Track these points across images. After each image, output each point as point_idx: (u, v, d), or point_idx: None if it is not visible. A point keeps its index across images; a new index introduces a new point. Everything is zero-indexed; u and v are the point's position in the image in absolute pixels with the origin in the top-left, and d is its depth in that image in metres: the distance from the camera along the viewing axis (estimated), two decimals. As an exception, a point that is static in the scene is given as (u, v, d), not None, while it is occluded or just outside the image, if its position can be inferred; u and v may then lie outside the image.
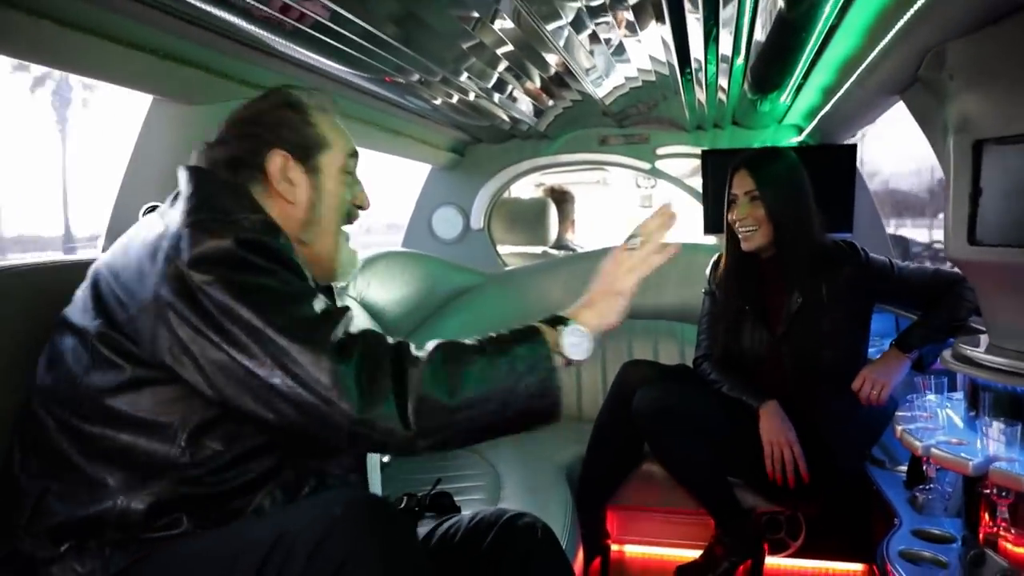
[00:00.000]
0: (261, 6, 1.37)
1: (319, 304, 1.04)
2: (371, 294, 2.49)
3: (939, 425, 1.50)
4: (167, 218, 1.07)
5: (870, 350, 2.19)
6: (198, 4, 1.35)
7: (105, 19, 1.37)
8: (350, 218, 1.29)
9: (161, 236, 1.03)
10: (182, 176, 1.13)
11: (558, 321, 1.13)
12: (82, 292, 1.11)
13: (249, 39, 1.60)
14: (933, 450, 1.36)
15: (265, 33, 1.54)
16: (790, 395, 2.04)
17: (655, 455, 2.15)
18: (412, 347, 1.05)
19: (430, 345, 1.05)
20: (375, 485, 1.61)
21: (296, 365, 0.96)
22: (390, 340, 1.05)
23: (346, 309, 1.07)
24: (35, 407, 1.08)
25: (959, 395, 1.59)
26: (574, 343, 1.11)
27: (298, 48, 1.66)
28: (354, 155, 1.28)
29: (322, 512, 0.93)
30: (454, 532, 1.32)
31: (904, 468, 1.88)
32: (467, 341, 1.07)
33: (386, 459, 2.09)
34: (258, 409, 0.98)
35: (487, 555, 1.26)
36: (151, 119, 1.77)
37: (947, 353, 1.49)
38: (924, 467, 1.70)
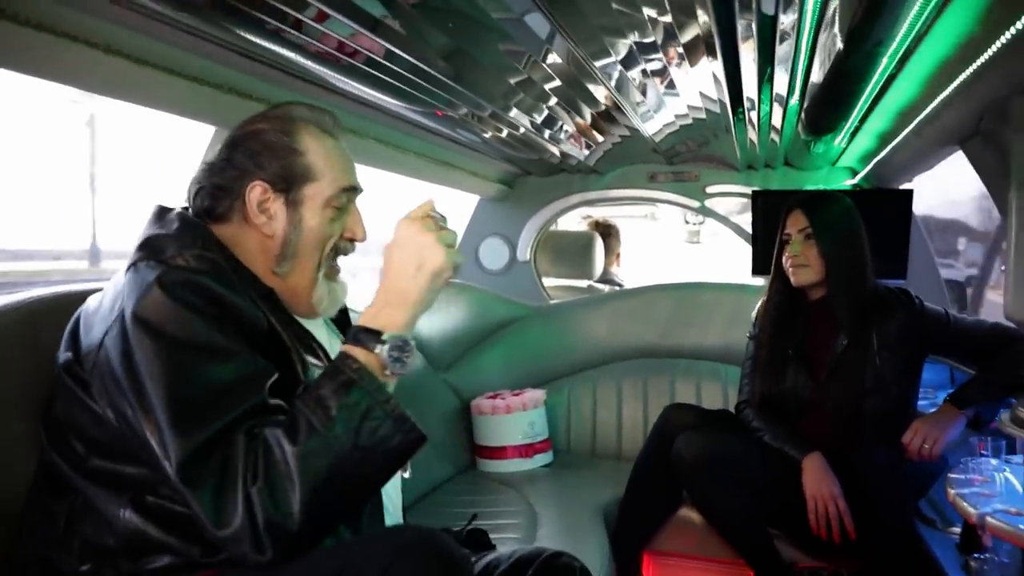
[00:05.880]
0: (316, 43, 1.42)
1: (219, 372, 0.95)
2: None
3: (996, 491, 1.44)
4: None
5: (923, 402, 2.11)
6: (257, 40, 1.40)
7: (171, 55, 1.43)
8: (339, 252, 1.22)
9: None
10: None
11: (366, 335, 1.00)
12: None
13: (306, 74, 1.65)
14: (989, 519, 1.31)
15: (321, 68, 1.59)
16: (833, 443, 1.98)
17: (694, 502, 2.10)
18: (273, 441, 0.92)
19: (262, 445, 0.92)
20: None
21: (168, 451, 0.91)
22: (272, 433, 0.92)
23: (252, 379, 0.98)
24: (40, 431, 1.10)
25: (1019, 459, 1.52)
26: (395, 357, 0.99)
27: (352, 82, 1.70)
28: (350, 190, 1.20)
29: (386, 543, 0.90)
30: (492, 569, 1.30)
31: (957, 530, 1.80)
32: (282, 419, 0.95)
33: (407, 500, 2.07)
34: None
35: None
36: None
37: (1005, 415, 1.43)
38: (980, 534, 1.62)
